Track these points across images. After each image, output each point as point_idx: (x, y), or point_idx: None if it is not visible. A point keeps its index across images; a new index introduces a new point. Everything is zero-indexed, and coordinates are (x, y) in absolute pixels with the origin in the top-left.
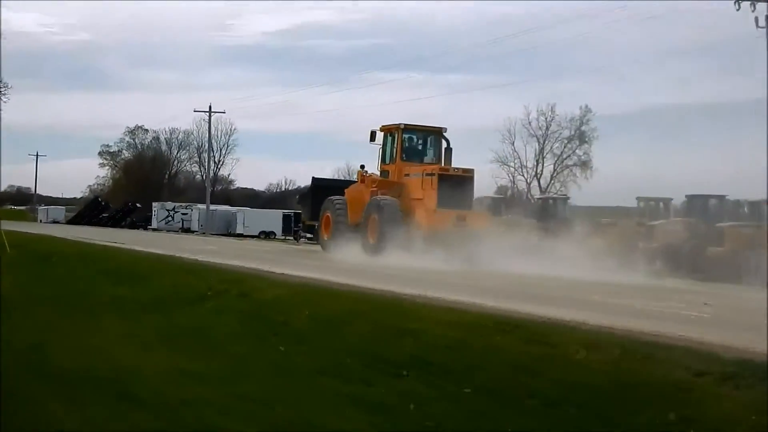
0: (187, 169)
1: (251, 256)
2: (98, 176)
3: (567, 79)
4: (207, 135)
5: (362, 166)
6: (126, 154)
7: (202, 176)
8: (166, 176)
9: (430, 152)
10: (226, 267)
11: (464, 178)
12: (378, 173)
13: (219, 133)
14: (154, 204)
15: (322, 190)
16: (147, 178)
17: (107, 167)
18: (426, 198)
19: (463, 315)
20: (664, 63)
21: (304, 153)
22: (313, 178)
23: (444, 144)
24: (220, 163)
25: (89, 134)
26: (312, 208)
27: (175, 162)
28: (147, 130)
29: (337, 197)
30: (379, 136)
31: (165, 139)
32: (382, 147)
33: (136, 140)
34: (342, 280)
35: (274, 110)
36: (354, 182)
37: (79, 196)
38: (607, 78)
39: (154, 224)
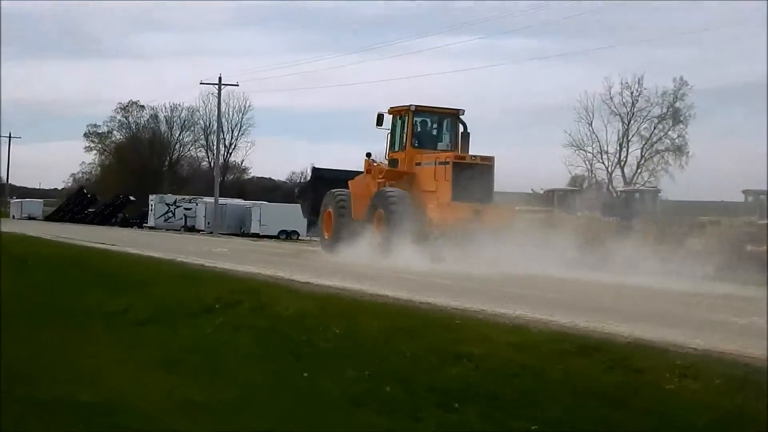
0: (191, 155)
1: (268, 261)
2: (84, 162)
3: (658, 46)
4: (216, 113)
5: (368, 154)
6: (117, 135)
7: (210, 163)
8: (166, 163)
9: (445, 138)
10: (238, 274)
11: (483, 167)
12: (386, 162)
13: (230, 110)
14: (151, 197)
15: (325, 181)
16: (143, 165)
17: (95, 152)
18: (439, 190)
19: (527, 334)
20: None
21: (334, 134)
22: (313, 168)
23: (461, 128)
24: (232, 147)
25: (73, 111)
26: (313, 202)
27: (177, 146)
28: (143, 107)
29: (340, 190)
30: (388, 119)
31: (165, 117)
32: (391, 132)
33: (130, 119)
34: (379, 290)
35: (297, 83)
36: (361, 173)
37: (60, 186)
38: (708, 44)
39: (152, 221)
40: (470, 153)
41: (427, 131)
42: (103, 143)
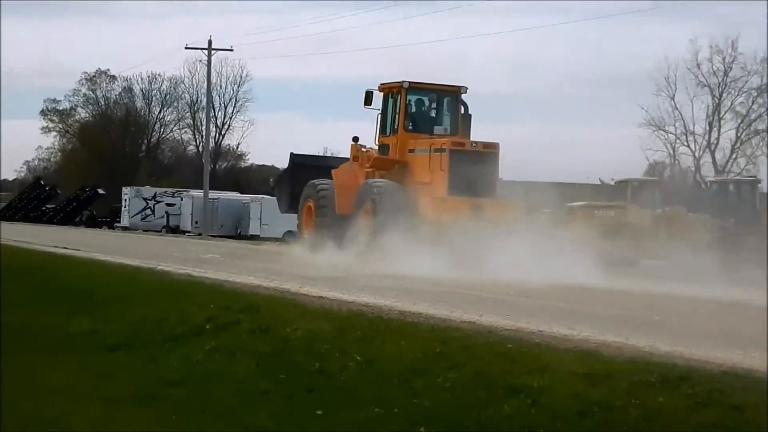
0: (174, 137)
1: (272, 270)
2: (40, 147)
3: None
4: (205, 85)
5: (355, 139)
6: (82, 113)
7: (198, 147)
8: (144, 147)
9: (444, 120)
10: (234, 286)
11: (485, 155)
12: (376, 148)
13: (223, 81)
14: (125, 190)
15: (305, 170)
16: (114, 150)
17: (54, 133)
18: (434, 181)
19: (597, 361)
20: None
21: (353, 112)
22: (291, 154)
23: (461, 109)
24: (225, 127)
25: (27, 83)
26: (291, 194)
27: (157, 126)
28: (114, 77)
29: (322, 180)
30: (378, 98)
31: (141, 90)
32: (381, 113)
33: (98, 92)
34: (408, 306)
35: (306, 47)
36: (347, 160)
37: (11, 177)
38: None
39: (125, 220)
40: (473, 139)
41: (422, 112)
42: (64, 123)
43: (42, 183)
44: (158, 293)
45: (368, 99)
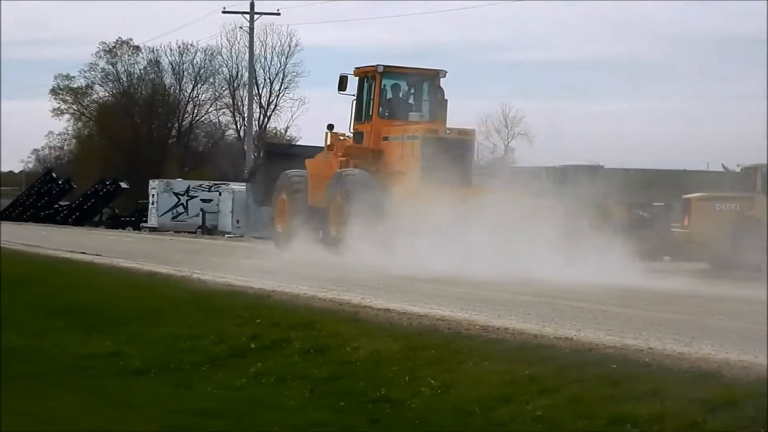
0: (211, 119)
1: (329, 277)
2: (51, 133)
3: None
4: (247, 57)
5: (330, 126)
6: (101, 90)
7: (239, 132)
8: (174, 132)
9: (421, 106)
10: (283, 298)
11: (459, 142)
12: (351, 136)
13: (269, 52)
14: (152, 183)
15: (280, 159)
16: (139, 136)
17: (68, 116)
18: (408, 170)
19: (719, 384)
20: None
21: None
22: (266, 143)
23: (439, 95)
24: (272, 107)
25: (34, 56)
26: (265, 187)
27: (190, 106)
28: (138, 48)
29: (296, 171)
30: (353, 83)
31: (170, 63)
32: (356, 99)
33: (120, 66)
34: (489, 318)
35: (368, 10)
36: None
37: (17, 169)
38: None
39: (153, 220)
40: (448, 125)
41: (398, 98)
42: (80, 103)
43: (54, 176)
44: (192, 307)
45: (342, 84)
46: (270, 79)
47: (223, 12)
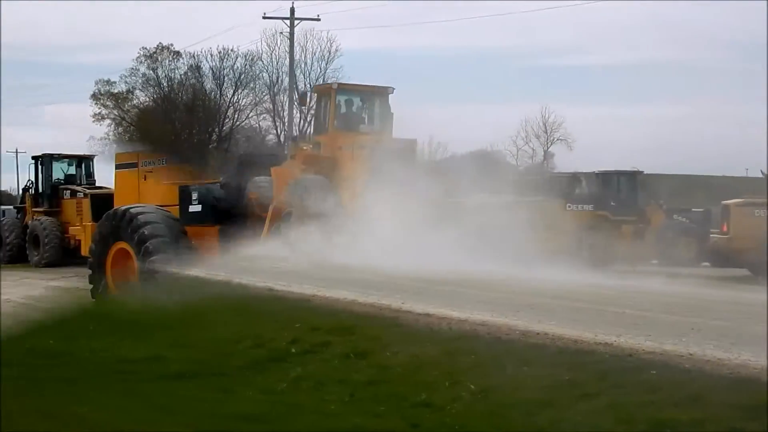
0: (251, 124)
1: (371, 282)
2: (92, 138)
3: None
4: (287, 62)
5: (294, 138)
6: (141, 96)
7: (280, 136)
8: (214, 137)
9: (371, 119)
10: (324, 302)
11: (402, 151)
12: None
13: (309, 57)
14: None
15: (253, 169)
16: (178, 140)
17: (108, 121)
18: (355, 176)
19: (758, 391)
20: None
21: (468, 92)
22: (239, 153)
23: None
24: (313, 111)
25: (74, 60)
26: (237, 194)
27: (231, 111)
28: (178, 53)
29: (262, 178)
30: (313, 99)
31: (211, 68)
32: (315, 113)
33: (160, 71)
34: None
35: (410, 15)
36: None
37: None
38: None
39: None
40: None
41: (351, 112)
42: (120, 108)
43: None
44: (230, 311)
45: (303, 100)
46: (310, 83)
47: (264, 17)
